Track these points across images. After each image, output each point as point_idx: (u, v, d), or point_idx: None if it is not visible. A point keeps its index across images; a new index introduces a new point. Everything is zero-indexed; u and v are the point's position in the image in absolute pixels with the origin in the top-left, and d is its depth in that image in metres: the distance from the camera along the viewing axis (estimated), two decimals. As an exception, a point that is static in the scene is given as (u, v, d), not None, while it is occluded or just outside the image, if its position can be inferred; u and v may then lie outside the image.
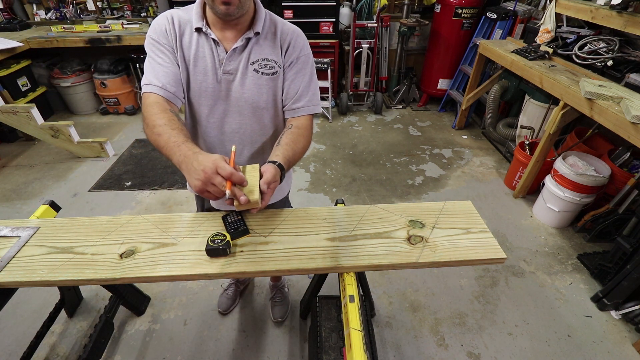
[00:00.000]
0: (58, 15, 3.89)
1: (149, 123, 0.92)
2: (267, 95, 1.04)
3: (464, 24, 3.47)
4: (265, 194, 0.90)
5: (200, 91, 1.02)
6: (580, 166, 2.19)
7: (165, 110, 0.95)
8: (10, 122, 2.89)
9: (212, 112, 1.05)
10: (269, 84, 1.02)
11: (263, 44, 1.00)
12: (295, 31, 1.04)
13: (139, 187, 2.75)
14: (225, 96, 1.03)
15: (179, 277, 1.05)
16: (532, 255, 2.17)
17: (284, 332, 1.74)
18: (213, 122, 1.08)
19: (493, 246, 1.11)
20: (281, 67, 1.02)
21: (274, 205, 1.35)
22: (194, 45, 0.98)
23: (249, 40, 0.98)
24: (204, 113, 1.06)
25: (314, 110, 1.09)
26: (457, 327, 1.77)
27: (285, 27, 1.03)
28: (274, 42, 1.00)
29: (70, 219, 1.25)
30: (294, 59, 1.02)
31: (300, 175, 2.92)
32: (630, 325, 1.77)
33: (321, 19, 3.59)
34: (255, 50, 0.99)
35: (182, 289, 1.95)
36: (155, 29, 0.98)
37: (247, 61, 0.99)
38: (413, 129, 3.68)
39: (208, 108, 1.05)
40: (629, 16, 2.02)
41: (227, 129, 1.08)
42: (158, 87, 0.96)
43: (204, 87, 1.01)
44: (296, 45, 1.02)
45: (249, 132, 1.10)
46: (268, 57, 1.00)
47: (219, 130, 1.09)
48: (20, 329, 1.73)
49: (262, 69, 1.00)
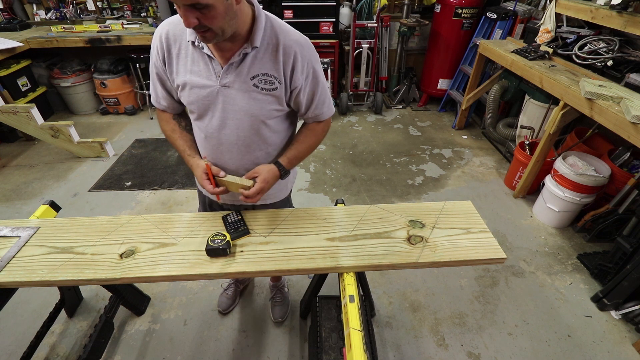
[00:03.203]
0: (58, 15, 3.89)
1: (162, 130, 1.19)
2: (266, 110, 1.01)
3: (464, 24, 3.47)
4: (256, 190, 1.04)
5: (198, 103, 1.01)
6: (580, 166, 2.19)
7: (169, 121, 1.16)
8: (10, 122, 2.89)
9: (210, 123, 1.04)
10: (269, 99, 0.99)
11: (263, 57, 0.94)
12: (299, 44, 0.95)
13: (139, 187, 2.75)
14: (222, 109, 1.00)
15: (179, 277, 1.05)
16: (532, 255, 2.17)
17: (284, 332, 1.74)
18: (211, 133, 1.06)
19: (493, 246, 1.11)
20: (282, 83, 0.97)
21: (275, 205, 1.34)
22: (189, 57, 0.97)
23: (246, 54, 0.94)
24: (203, 124, 1.07)
25: (329, 114, 1.14)
26: (457, 327, 1.77)
27: (288, 39, 0.94)
28: (275, 57, 0.94)
29: (70, 219, 1.25)
30: (304, 77, 0.98)
31: (300, 175, 2.92)
32: (630, 325, 1.77)
33: (321, 19, 3.59)
34: (255, 65, 0.95)
35: (182, 289, 1.95)
36: (152, 43, 1.02)
37: (247, 75, 0.95)
38: (413, 129, 3.68)
39: (206, 120, 1.05)
40: (629, 16, 2.02)
41: (224, 140, 1.06)
42: (155, 101, 1.13)
43: (201, 99, 1.00)
44: (303, 61, 0.96)
45: (247, 144, 1.07)
46: (268, 73, 0.95)
47: (217, 141, 1.07)
48: (20, 329, 1.73)
49: (262, 84, 0.96)
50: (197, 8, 0.78)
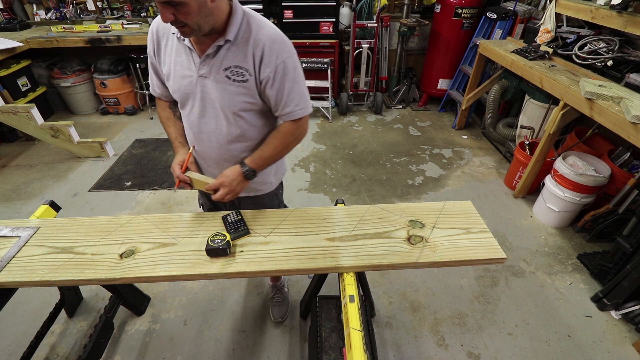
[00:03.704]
0: (58, 15, 3.89)
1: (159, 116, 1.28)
2: (239, 102, 1.05)
3: (464, 24, 3.47)
4: (215, 184, 1.11)
5: (180, 92, 1.09)
6: (580, 166, 2.19)
7: (165, 108, 1.26)
8: (10, 122, 2.89)
9: (191, 112, 1.12)
10: (241, 90, 1.03)
11: (235, 50, 0.98)
12: (270, 38, 0.97)
13: (139, 187, 2.75)
14: (201, 98, 1.07)
15: (179, 277, 1.05)
16: (532, 255, 2.17)
17: (284, 332, 1.74)
18: (192, 122, 1.14)
19: (493, 246, 1.11)
20: (252, 74, 1.00)
21: (258, 198, 1.35)
22: (174, 49, 1.05)
23: (220, 47, 0.98)
24: (185, 112, 1.15)
25: (302, 114, 1.10)
26: (457, 327, 1.77)
27: (259, 34, 0.97)
28: (245, 50, 0.98)
29: (70, 219, 1.25)
30: (272, 69, 0.99)
31: (300, 175, 2.92)
32: (630, 325, 1.77)
33: (321, 19, 3.58)
34: (228, 57, 0.99)
35: (182, 289, 1.95)
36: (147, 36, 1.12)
37: (220, 67, 1.00)
38: (413, 129, 3.68)
39: (187, 108, 1.12)
40: (629, 16, 2.02)
41: (204, 129, 1.13)
42: (152, 89, 1.23)
43: (182, 88, 1.07)
44: (271, 53, 0.97)
45: (224, 134, 1.12)
46: (240, 65, 0.99)
47: (198, 129, 1.14)
48: (20, 329, 1.73)
49: (234, 76, 1.00)
50: (172, 5, 0.84)
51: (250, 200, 1.35)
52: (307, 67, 3.59)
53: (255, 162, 1.13)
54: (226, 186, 1.11)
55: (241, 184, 1.13)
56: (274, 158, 1.17)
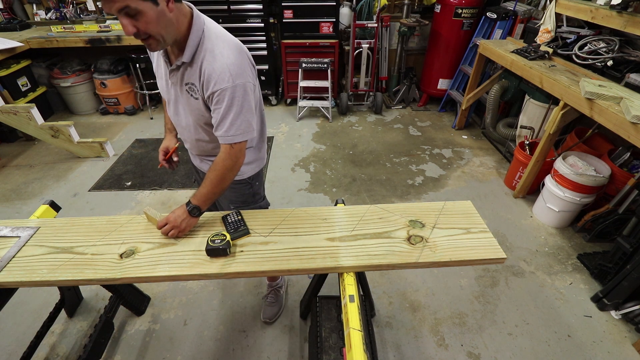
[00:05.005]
0: (58, 15, 3.88)
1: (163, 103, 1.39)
2: (198, 115, 1.14)
3: (464, 24, 3.47)
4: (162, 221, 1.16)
5: (160, 90, 1.24)
6: (580, 166, 2.19)
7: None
8: (10, 122, 2.89)
9: (169, 109, 1.25)
10: (197, 105, 1.11)
11: (190, 70, 1.06)
12: (213, 67, 1.01)
13: (139, 187, 2.75)
14: (174, 100, 1.18)
15: (179, 277, 1.05)
16: (532, 255, 2.17)
17: (284, 332, 1.74)
18: (172, 116, 1.26)
19: (493, 246, 1.11)
20: (201, 94, 1.08)
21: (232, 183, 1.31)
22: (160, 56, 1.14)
23: (180, 65, 1.06)
24: (168, 108, 1.28)
25: (231, 140, 1.10)
26: (457, 327, 1.77)
27: (205, 60, 1.01)
28: (197, 71, 1.04)
29: (70, 219, 1.25)
30: (210, 94, 1.05)
31: (300, 175, 2.92)
32: (630, 325, 1.77)
33: (321, 19, 3.58)
34: (186, 74, 1.07)
35: (182, 289, 1.95)
36: None
37: (182, 81, 1.09)
38: (413, 129, 3.68)
39: (168, 105, 1.25)
40: (629, 16, 2.02)
41: (178, 124, 1.26)
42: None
43: (162, 88, 1.22)
44: (210, 81, 1.02)
45: (193, 132, 1.23)
46: (194, 83, 1.06)
47: (177, 123, 1.27)
48: (20, 329, 1.73)
49: (191, 92, 1.09)
50: (130, 15, 0.86)
51: None
52: (307, 67, 3.59)
53: (198, 200, 1.15)
54: (171, 222, 1.14)
55: (186, 220, 1.15)
56: (215, 191, 1.16)
